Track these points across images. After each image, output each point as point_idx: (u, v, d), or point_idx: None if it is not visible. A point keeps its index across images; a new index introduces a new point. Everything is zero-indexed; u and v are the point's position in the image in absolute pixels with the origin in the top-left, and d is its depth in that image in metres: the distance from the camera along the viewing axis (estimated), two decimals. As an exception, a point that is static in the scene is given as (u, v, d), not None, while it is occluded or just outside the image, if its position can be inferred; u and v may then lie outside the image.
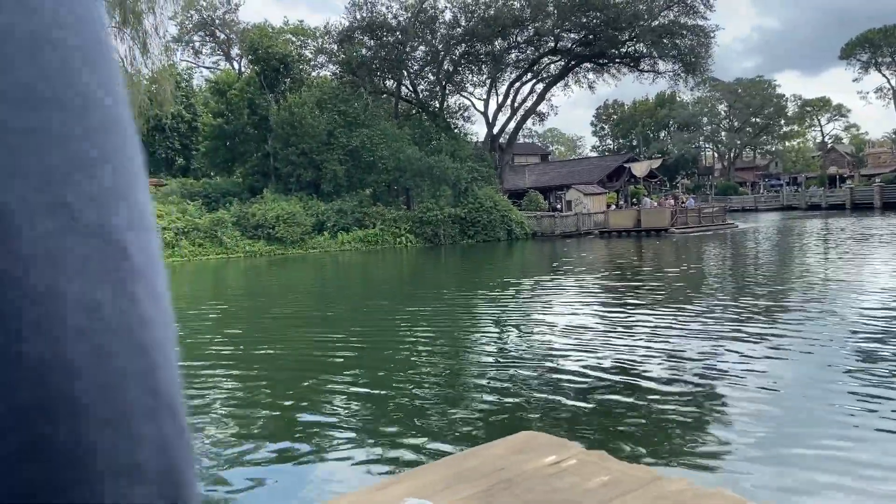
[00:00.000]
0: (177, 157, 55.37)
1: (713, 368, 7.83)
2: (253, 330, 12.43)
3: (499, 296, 15.72)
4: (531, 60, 46.39)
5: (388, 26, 43.76)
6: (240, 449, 5.82)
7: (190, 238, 33.17)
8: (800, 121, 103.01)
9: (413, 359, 9.23)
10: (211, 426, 6.53)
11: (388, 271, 25.73)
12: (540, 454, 1.87)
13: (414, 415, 6.56)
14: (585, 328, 10.65)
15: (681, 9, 42.65)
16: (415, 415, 6.57)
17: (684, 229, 36.67)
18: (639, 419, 6.14)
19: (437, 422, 6.39)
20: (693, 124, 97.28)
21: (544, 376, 7.81)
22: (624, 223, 37.68)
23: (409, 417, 6.47)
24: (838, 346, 8.69)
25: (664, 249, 27.58)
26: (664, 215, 36.82)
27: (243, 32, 52.94)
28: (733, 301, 12.79)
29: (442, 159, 37.67)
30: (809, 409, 6.31)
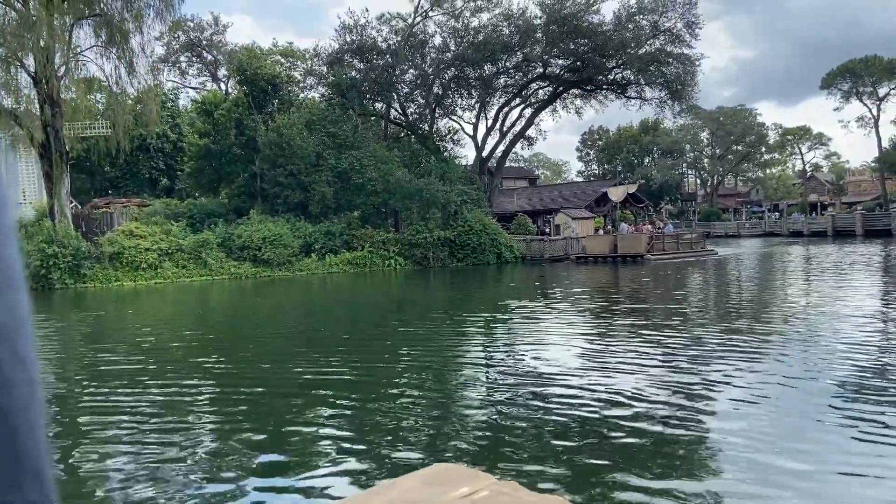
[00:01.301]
0: (161, 178, 54.73)
1: (678, 400, 7.58)
2: (231, 357, 11.97)
3: (477, 321, 15.40)
4: (520, 85, 46.66)
5: (378, 49, 43.86)
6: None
7: (174, 259, 32.54)
8: (780, 149, 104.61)
9: (378, 385, 8.88)
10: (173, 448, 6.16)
11: (374, 295, 25.31)
12: (453, 486, 1.83)
13: (348, 444, 6.37)
14: (551, 358, 10.31)
15: (667, 38, 43.21)
16: (349, 444, 6.37)
17: (661, 256, 36.08)
18: (605, 450, 5.88)
19: (368, 452, 6.23)
20: (676, 151, 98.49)
21: (511, 405, 7.51)
22: (600, 249, 37.15)
23: (346, 446, 6.30)
24: (817, 373, 8.52)
25: (636, 276, 26.75)
26: (640, 241, 36.26)
27: (231, 54, 52.83)
28: (697, 329, 12.57)
29: (431, 182, 37.50)
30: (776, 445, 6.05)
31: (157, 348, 13.00)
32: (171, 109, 53.82)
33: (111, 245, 31.48)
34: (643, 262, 34.33)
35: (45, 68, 28.82)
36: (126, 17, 31.33)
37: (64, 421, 8.03)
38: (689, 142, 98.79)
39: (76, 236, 30.65)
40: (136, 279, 30.78)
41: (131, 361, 11.47)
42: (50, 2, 28.41)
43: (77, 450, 6.69)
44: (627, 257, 35.29)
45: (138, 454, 6.42)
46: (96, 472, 6.06)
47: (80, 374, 10.81)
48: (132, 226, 33.46)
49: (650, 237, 37.25)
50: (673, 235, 40.35)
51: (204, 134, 43.62)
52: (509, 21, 43.97)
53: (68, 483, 5.77)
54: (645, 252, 35.37)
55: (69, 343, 14.74)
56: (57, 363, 12.20)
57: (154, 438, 6.90)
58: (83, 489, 5.63)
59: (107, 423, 7.63)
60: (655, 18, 42.58)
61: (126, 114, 33.48)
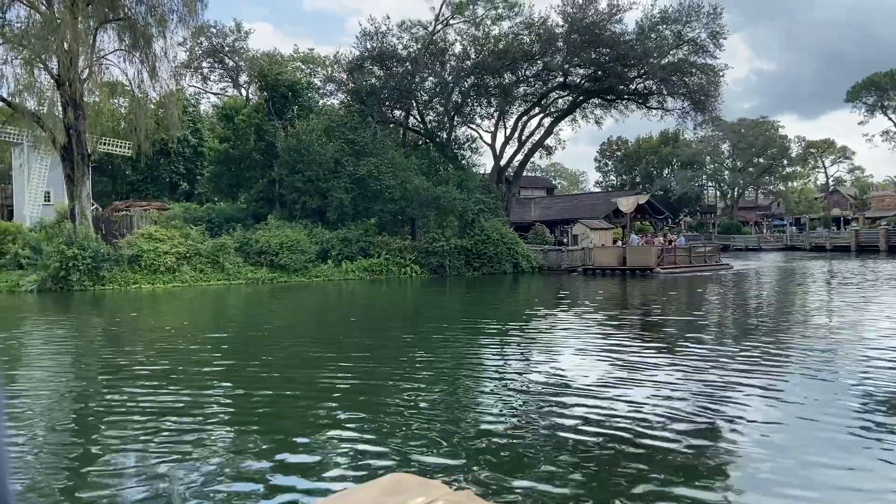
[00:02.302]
0: (181, 182, 55.08)
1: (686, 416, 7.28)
2: (240, 363, 11.82)
3: (491, 332, 15.14)
4: (540, 94, 46.42)
5: (398, 57, 43.87)
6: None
7: (192, 263, 32.59)
8: (803, 162, 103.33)
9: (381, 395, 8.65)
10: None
11: (390, 303, 25.14)
12: (408, 496, 1.85)
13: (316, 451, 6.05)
14: (561, 371, 10.07)
15: (690, 47, 42.78)
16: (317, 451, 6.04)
17: (672, 269, 35.05)
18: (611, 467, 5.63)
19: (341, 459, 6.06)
20: (696, 163, 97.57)
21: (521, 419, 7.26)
22: (609, 261, 36.23)
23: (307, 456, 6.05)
24: (832, 396, 8.16)
25: (641, 291, 25.90)
26: (650, 254, 35.31)
27: (252, 60, 53.22)
28: (692, 347, 12.21)
29: (449, 190, 37.34)
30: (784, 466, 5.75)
31: (175, 350, 13.05)
32: (192, 114, 54.21)
33: (130, 248, 31.59)
34: (652, 275, 33.43)
35: (68, 71, 29.07)
36: (150, 21, 31.57)
37: (81, 420, 8.14)
38: (709, 153, 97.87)
39: (96, 238, 30.80)
40: (154, 282, 30.85)
41: (150, 363, 11.56)
42: (74, 5, 28.68)
43: (94, 449, 6.75)
44: (637, 270, 34.33)
45: (154, 454, 6.47)
46: (112, 472, 6.12)
47: (99, 373, 10.90)
48: (151, 229, 33.59)
49: (661, 250, 36.36)
50: (685, 248, 39.30)
51: (224, 139, 43.85)
52: (530, 30, 43.80)
53: (83, 482, 5.83)
54: (655, 265, 34.50)
55: (88, 344, 14.74)
56: (76, 363, 12.28)
57: (170, 439, 6.94)
58: (98, 488, 5.69)
59: (124, 424, 7.68)
60: (679, 28, 42.21)
61: (148, 118, 33.70)
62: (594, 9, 42.21)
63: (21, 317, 20.64)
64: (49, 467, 6.34)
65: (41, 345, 14.93)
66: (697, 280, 30.86)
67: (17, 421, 7.90)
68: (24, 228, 33.63)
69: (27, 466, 6.31)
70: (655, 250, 35.89)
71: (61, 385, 10.29)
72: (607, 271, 35.41)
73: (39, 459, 6.57)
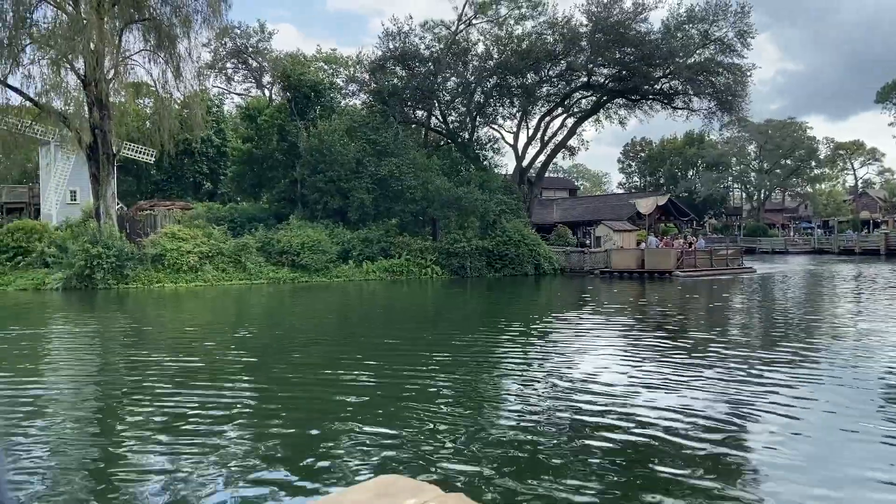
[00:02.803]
0: (204, 182, 55.51)
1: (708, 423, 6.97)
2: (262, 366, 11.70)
3: (513, 334, 14.88)
4: (563, 95, 46.01)
5: (421, 57, 43.74)
6: None
7: (214, 263, 32.72)
8: (831, 164, 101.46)
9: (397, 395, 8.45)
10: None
11: (412, 303, 24.98)
12: (399, 498, 1.85)
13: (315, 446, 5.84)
14: (582, 375, 9.79)
15: (717, 47, 42.09)
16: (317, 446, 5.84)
17: (692, 272, 34.16)
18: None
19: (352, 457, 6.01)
20: (722, 164, 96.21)
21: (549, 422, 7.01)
22: (626, 264, 35.37)
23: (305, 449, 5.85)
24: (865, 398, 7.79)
25: (659, 294, 25.30)
26: (669, 257, 34.47)
27: (275, 61, 53.42)
28: (705, 353, 11.82)
29: (470, 190, 37.11)
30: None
31: (199, 349, 13.14)
32: (215, 115, 54.61)
33: (154, 247, 31.81)
34: (671, 278, 32.65)
35: (94, 71, 29.32)
36: (174, 21, 31.74)
37: (105, 418, 8.23)
38: (735, 155, 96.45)
39: (120, 237, 31.05)
40: (177, 281, 31.01)
41: (174, 361, 11.66)
42: (100, 5, 28.92)
43: (117, 447, 6.84)
44: (655, 273, 33.54)
45: (177, 452, 6.51)
46: (135, 470, 6.17)
47: (123, 371, 11.01)
48: (175, 228, 33.80)
49: (680, 253, 35.47)
50: (706, 251, 38.27)
51: (247, 139, 44.06)
52: (554, 29, 43.41)
53: (107, 479, 5.89)
54: (674, 268, 33.71)
55: (113, 341, 14.82)
56: (101, 360, 12.39)
57: (192, 438, 6.99)
58: (121, 486, 5.76)
59: (147, 421, 7.76)
60: (706, 27, 41.55)
61: (172, 118, 33.90)
62: (619, 8, 41.73)
63: (46, 315, 20.81)
64: (73, 465, 6.34)
65: (66, 342, 15.01)
66: (718, 284, 30.07)
67: (42, 418, 7.98)
68: (50, 227, 34.01)
69: (51, 464, 6.32)
70: (675, 253, 35.10)
71: (86, 382, 10.38)
72: (625, 274, 34.64)
73: (63, 457, 6.57)
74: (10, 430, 7.32)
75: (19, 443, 6.87)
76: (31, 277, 30.18)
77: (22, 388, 9.64)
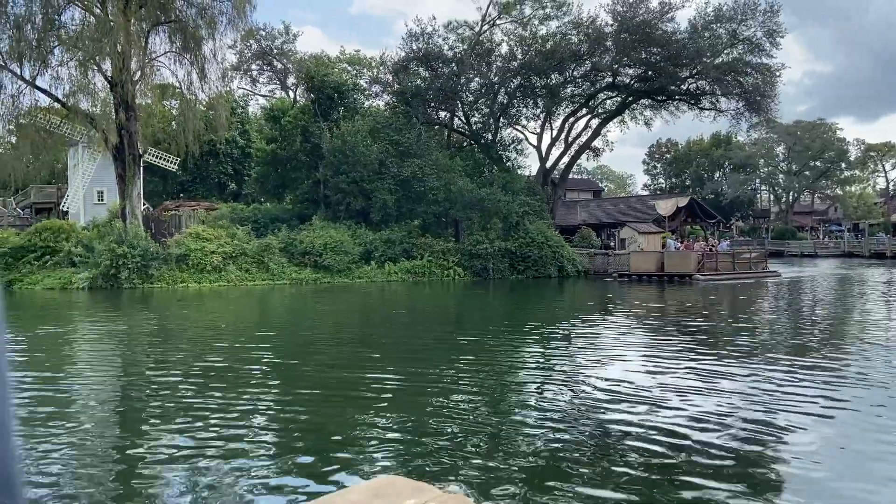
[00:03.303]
0: (229, 182, 55.93)
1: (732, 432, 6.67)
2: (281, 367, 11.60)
3: (535, 336, 14.63)
4: (587, 95, 45.57)
5: (444, 58, 43.60)
6: None
7: (237, 263, 32.88)
8: (862, 166, 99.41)
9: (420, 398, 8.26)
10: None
11: (434, 305, 24.81)
12: (399, 498, 1.84)
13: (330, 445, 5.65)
14: (605, 380, 9.51)
15: (746, 46, 41.38)
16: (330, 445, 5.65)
17: (713, 276, 33.02)
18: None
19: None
20: (749, 166, 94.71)
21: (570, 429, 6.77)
22: (646, 267, 34.42)
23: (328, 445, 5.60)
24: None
25: (677, 298, 24.62)
26: (689, 260, 33.45)
27: (300, 62, 53.63)
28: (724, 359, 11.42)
29: (493, 192, 36.88)
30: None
31: (222, 349, 13.18)
32: (240, 116, 55.00)
33: (178, 247, 32.04)
34: (691, 282, 31.71)
35: (120, 73, 29.61)
36: (200, 23, 31.98)
37: (129, 416, 8.27)
38: (763, 156, 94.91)
39: (145, 237, 31.32)
40: (201, 281, 31.21)
41: (198, 360, 11.72)
42: (127, 7, 29.20)
43: (140, 445, 6.89)
44: (675, 277, 32.62)
45: (199, 451, 6.50)
46: (159, 467, 6.18)
47: (147, 370, 11.10)
48: (199, 229, 34.03)
49: (701, 255, 34.42)
50: (728, 254, 37.07)
51: (271, 140, 44.28)
52: (579, 29, 43.03)
53: (129, 478, 5.91)
54: (694, 272, 32.72)
55: (137, 340, 14.95)
56: (125, 359, 12.43)
57: (215, 437, 6.96)
58: (144, 484, 5.76)
59: (171, 420, 7.76)
60: (734, 27, 40.86)
61: (197, 119, 34.15)
62: (645, 7, 41.26)
63: (72, 314, 21.01)
64: (96, 463, 6.35)
65: (91, 342, 15.10)
66: (741, 288, 29.23)
67: (66, 416, 8.02)
68: (77, 227, 34.43)
69: (75, 462, 6.33)
70: (695, 256, 34.06)
71: (111, 381, 10.45)
72: (643, 277, 33.69)
73: (87, 454, 6.58)
74: (36, 428, 7.35)
75: (44, 441, 6.88)
76: (58, 277, 30.56)
77: (48, 387, 9.70)
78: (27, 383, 9.82)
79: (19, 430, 7.25)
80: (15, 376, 10.24)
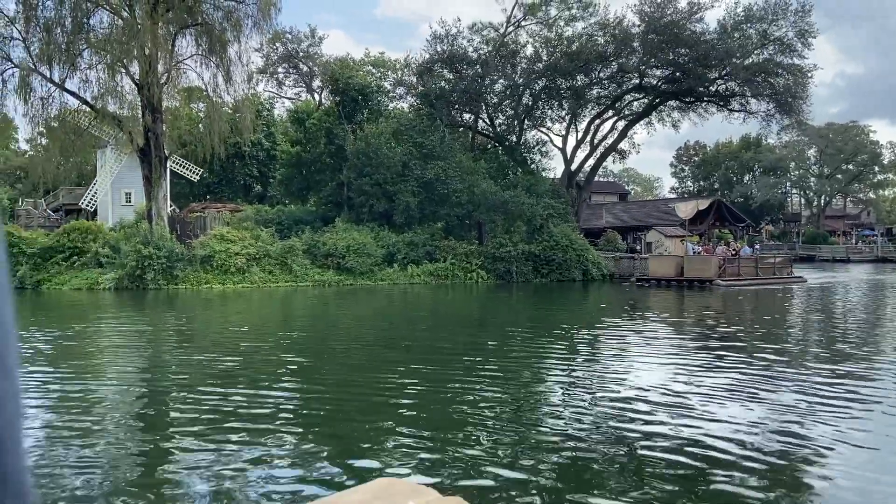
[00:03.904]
0: (255, 184, 56.32)
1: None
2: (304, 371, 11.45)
3: (559, 341, 14.30)
4: (614, 97, 45.04)
5: (468, 59, 43.43)
6: None
7: (261, 265, 32.99)
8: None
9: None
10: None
11: (457, 308, 24.58)
12: (396, 501, 1.83)
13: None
14: (632, 388, 9.16)
15: (776, 47, 40.57)
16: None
17: (735, 281, 31.74)
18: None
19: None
20: (780, 168, 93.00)
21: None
22: (664, 271, 33.33)
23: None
24: None
25: (695, 304, 23.81)
26: (710, 265, 32.22)
27: (325, 65, 53.88)
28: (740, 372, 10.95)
29: (517, 194, 36.56)
30: None
31: (247, 350, 13.21)
32: (266, 118, 55.36)
33: (203, 248, 32.23)
34: (712, 288, 30.68)
35: (147, 75, 29.89)
36: (226, 26, 32.17)
37: (153, 415, 8.30)
38: (794, 159, 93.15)
39: (171, 239, 31.56)
40: (225, 282, 31.35)
41: (222, 361, 11.74)
42: (154, 11, 29.47)
43: (163, 444, 6.95)
44: (695, 282, 31.55)
45: (221, 452, 6.51)
46: (180, 467, 6.21)
47: (171, 370, 11.16)
48: (223, 230, 34.21)
49: (722, 260, 33.19)
50: (751, 258, 35.76)
51: (295, 142, 44.46)
52: (605, 30, 42.56)
53: (150, 477, 5.96)
54: (715, 277, 31.62)
55: (162, 340, 15.03)
56: (150, 359, 12.48)
57: (238, 438, 6.95)
58: (165, 484, 5.79)
59: (194, 420, 7.79)
60: (765, 27, 40.08)
61: (222, 122, 34.35)
62: (673, 7, 40.68)
63: (98, 315, 21.14)
64: (118, 462, 6.38)
65: (116, 341, 15.16)
66: (763, 294, 28.15)
67: (90, 415, 8.00)
68: (104, 228, 34.84)
69: (97, 460, 6.35)
70: (716, 260, 32.79)
71: (135, 380, 10.49)
72: (662, 282, 32.62)
73: (109, 454, 6.61)
74: (59, 426, 7.38)
75: (66, 438, 6.92)
76: (85, 277, 30.93)
77: (72, 385, 9.72)
78: (45, 382, 9.80)
79: (35, 428, 7.21)
80: (35, 374, 10.24)
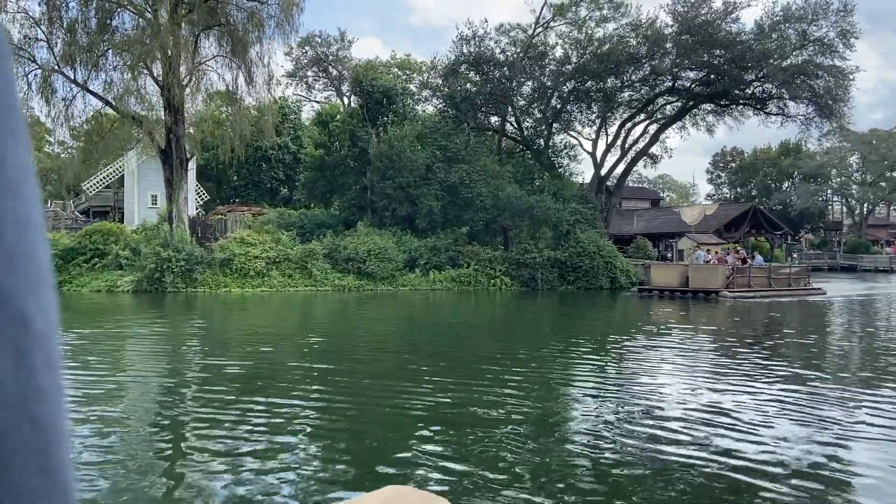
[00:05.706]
0: (281, 188, 56.19)
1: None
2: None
3: (585, 352, 13.37)
4: (645, 100, 43.73)
5: (496, 61, 42.54)
6: None
7: (281, 268, 32.52)
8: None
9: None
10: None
11: (481, 316, 23.74)
12: None
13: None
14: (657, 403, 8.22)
15: (816, 48, 38.89)
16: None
17: (744, 293, 30.02)
18: None
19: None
20: (820, 175, 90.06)
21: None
22: (668, 281, 31.55)
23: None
24: None
25: (694, 317, 22.29)
26: (717, 274, 30.46)
27: (354, 69, 53.55)
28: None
29: (543, 199, 35.51)
30: None
31: (266, 354, 13.25)
32: (293, 122, 55.21)
33: (223, 251, 31.90)
34: (718, 299, 28.89)
35: (168, 76, 29.69)
36: (248, 27, 31.87)
37: (172, 420, 8.26)
38: (835, 166, 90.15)
39: (191, 241, 31.29)
40: (244, 286, 30.95)
41: (240, 365, 11.84)
42: (176, 12, 29.27)
43: (183, 448, 7.01)
44: (700, 293, 29.79)
45: (239, 455, 6.53)
46: (200, 471, 6.21)
47: (191, 374, 11.28)
48: (244, 233, 33.87)
49: (731, 270, 31.26)
50: (763, 269, 33.42)
51: (319, 145, 44.08)
52: (637, 31, 41.33)
53: (169, 480, 6.00)
54: (722, 287, 29.85)
55: (180, 344, 14.94)
56: (168, 363, 12.48)
57: (256, 444, 6.95)
58: (184, 488, 5.84)
59: (213, 424, 7.79)
60: (804, 27, 38.46)
61: (244, 124, 34.05)
62: (708, 7, 39.28)
63: (116, 317, 20.85)
64: (139, 465, 6.40)
65: (135, 344, 15.03)
66: (774, 307, 25.93)
67: (109, 420, 8.03)
68: (126, 230, 34.77)
69: (117, 462, 6.41)
70: (723, 270, 30.93)
71: (154, 384, 10.52)
72: (665, 293, 30.81)
73: (129, 457, 6.66)
74: (78, 428, 7.45)
75: (86, 440, 6.97)
76: (104, 279, 30.79)
77: (91, 387, 9.70)
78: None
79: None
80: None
